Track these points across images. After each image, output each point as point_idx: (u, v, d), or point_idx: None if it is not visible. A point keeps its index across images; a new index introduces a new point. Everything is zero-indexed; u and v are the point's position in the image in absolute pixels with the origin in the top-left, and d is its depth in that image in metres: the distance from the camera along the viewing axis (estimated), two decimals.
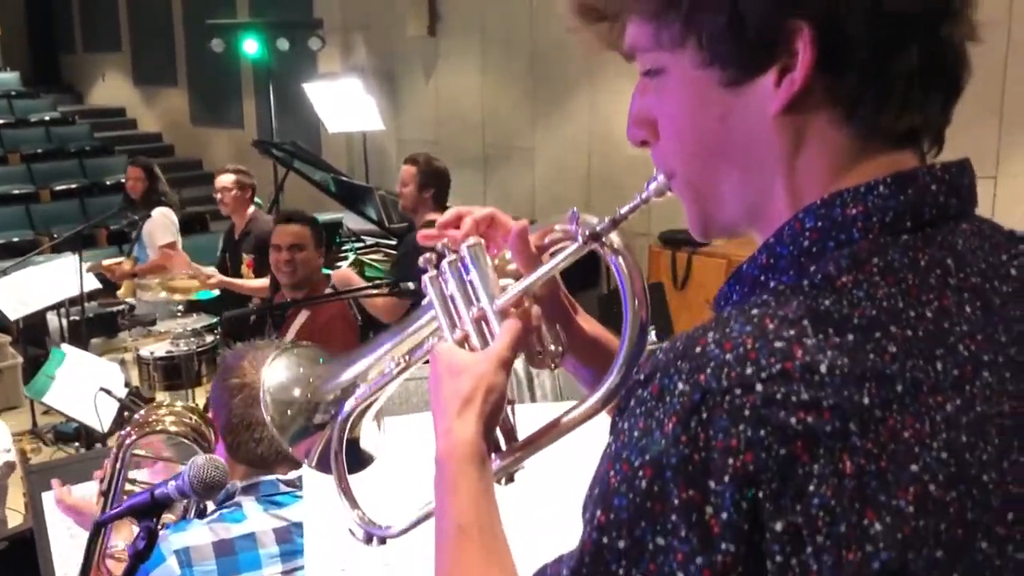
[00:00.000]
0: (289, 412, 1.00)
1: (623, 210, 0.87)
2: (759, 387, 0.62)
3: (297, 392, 1.01)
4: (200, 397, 4.85)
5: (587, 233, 0.87)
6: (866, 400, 0.62)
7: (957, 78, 0.72)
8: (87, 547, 1.35)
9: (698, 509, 0.62)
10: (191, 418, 1.86)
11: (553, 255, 0.93)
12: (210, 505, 1.80)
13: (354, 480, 1.02)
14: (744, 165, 0.74)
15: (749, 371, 0.62)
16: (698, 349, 0.65)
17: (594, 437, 0.87)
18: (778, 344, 0.63)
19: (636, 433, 0.65)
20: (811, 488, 0.60)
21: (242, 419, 1.77)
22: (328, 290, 3.92)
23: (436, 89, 9.16)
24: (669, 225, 6.53)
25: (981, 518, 0.63)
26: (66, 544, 2.10)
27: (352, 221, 7.20)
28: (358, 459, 1.02)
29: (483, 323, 0.92)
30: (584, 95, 7.81)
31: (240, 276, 4.93)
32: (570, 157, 7.93)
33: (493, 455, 0.89)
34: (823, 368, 0.62)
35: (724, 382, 0.62)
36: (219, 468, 1.25)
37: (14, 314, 5.29)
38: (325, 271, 4.63)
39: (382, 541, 1.00)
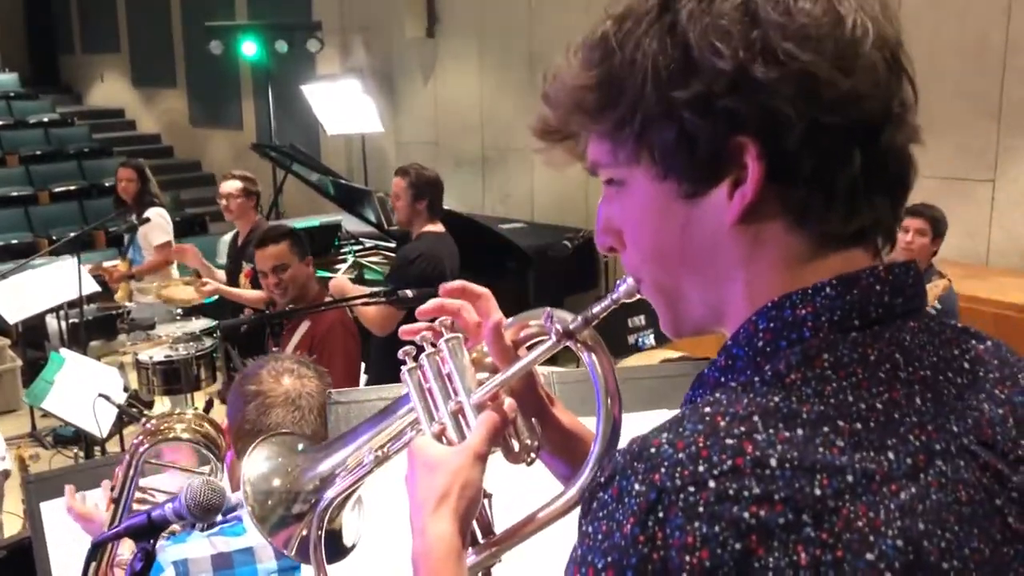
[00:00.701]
0: (269, 502, 1.01)
1: (595, 309, 0.90)
2: (712, 483, 0.63)
3: (277, 482, 1.03)
4: (199, 401, 4.85)
5: (560, 330, 0.90)
6: (817, 491, 0.63)
7: (903, 179, 0.75)
8: (84, 567, 1.34)
9: None
10: (203, 425, 1.87)
11: (530, 349, 0.95)
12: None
13: (333, 567, 1.02)
14: (705, 271, 0.77)
15: (702, 468, 0.64)
16: (653, 450, 0.66)
17: (568, 529, 0.89)
18: (729, 441, 0.65)
19: (600, 536, 0.67)
20: None
21: (254, 425, 1.79)
22: (328, 299, 3.90)
23: (435, 90, 9.16)
24: None
25: None
26: (66, 552, 2.10)
27: (351, 224, 7.21)
28: (338, 549, 1.03)
29: (460, 416, 0.93)
30: None
31: (238, 285, 4.89)
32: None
33: (470, 549, 0.90)
34: (773, 462, 0.64)
35: (678, 480, 0.64)
36: (216, 491, 1.25)
37: (13, 317, 5.29)
38: (323, 273, 4.63)
39: None
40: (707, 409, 0.68)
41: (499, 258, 6.33)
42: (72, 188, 11.10)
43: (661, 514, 0.64)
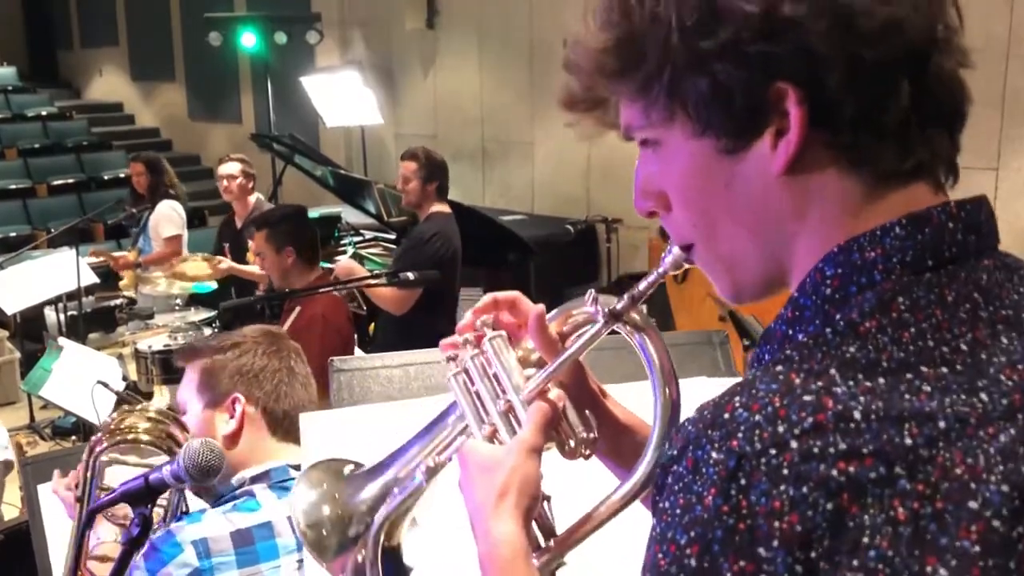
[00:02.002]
0: (323, 531, 0.98)
1: (641, 287, 0.86)
2: (794, 443, 0.60)
3: (327, 509, 1.00)
4: None
5: (607, 312, 0.86)
6: (908, 441, 0.60)
7: (957, 108, 0.71)
8: (79, 536, 1.31)
9: None
10: (165, 423, 1.80)
11: (576, 340, 0.91)
12: (194, 505, 1.77)
13: None
14: (758, 228, 0.73)
15: (782, 429, 0.61)
16: (726, 415, 0.63)
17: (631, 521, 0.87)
18: (807, 398, 0.62)
19: (678, 511, 0.64)
20: (865, 540, 0.58)
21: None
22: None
23: (434, 83, 9.13)
24: None
25: None
26: (64, 534, 2.07)
27: (351, 215, 7.18)
28: (398, 571, 0.99)
29: (511, 415, 0.89)
30: None
31: (246, 263, 4.89)
32: (569, 151, 7.89)
33: (533, 553, 0.86)
34: (857, 415, 0.60)
35: (758, 444, 0.61)
36: (214, 451, 1.22)
37: (11, 308, 5.26)
38: (325, 265, 4.61)
39: None
40: (779, 368, 0.65)
41: (500, 249, 6.31)
42: (71, 181, 11.08)
43: (743, 481, 0.61)
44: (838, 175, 0.69)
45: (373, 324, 5.02)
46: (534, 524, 0.86)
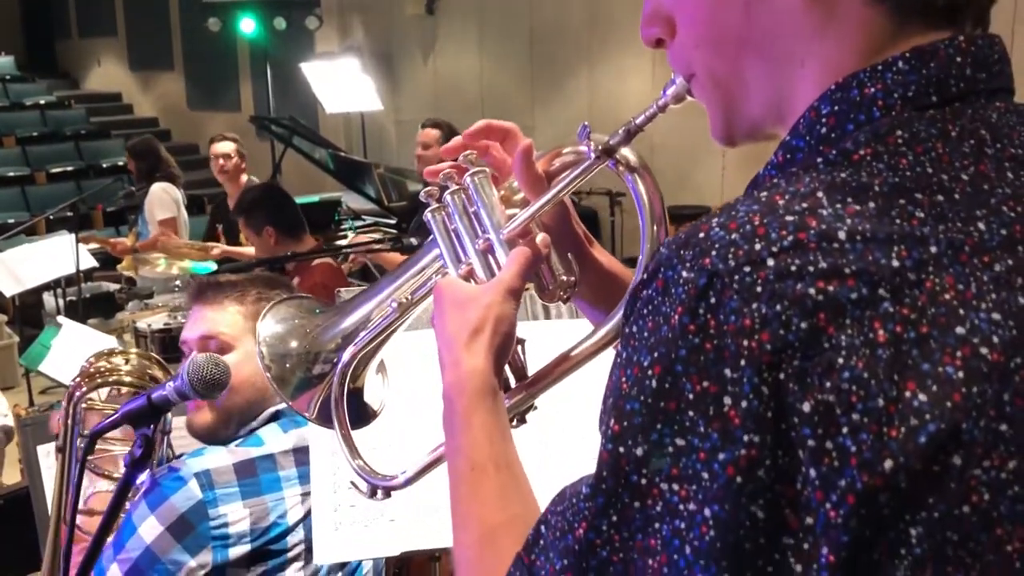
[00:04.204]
0: (288, 364, 0.96)
1: (638, 120, 0.82)
2: (770, 261, 0.56)
3: (295, 343, 0.97)
4: None
5: (599, 148, 0.82)
6: (895, 263, 0.56)
7: None
8: (81, 460, 1.28)
9: (715, 401, 0.56)
10: (148, 365, 1.74)
11: (561, 180, 0.88)
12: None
13: (357, 432, 0.97)
14: (769, 54, 0.68)
15: (759, 246, 0.56)
16: (701, 235, 0.59)
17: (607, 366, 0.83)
18: (789, 217, 0.57)
19: (645, 334, 0.60)
20: (840, 361, 0.54)
21: None
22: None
23: (434, 69, 9.09)
24: (672, 202, 6.49)
25: None
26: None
27: (351, 200, 7.15)
28: (362, 413, 0.98)
29: (489, 254, 0.87)
30: (583, 73, 7.76)
31: (240, 244, 4.88)
32: (570, 136, 7.86)
33: (503, 393, 0.83)
34: (842, 235, 0.56)
35: (731, 262, 0.57)
36: (219, 365, 1.19)
37: (10, 290, 5.24)
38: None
39: (387, 493, 0.95)
40: (763, 193, 0.61)
41: None
42: (69, 169, 11.06)
43: (713, 299, 0.56)
44: (863, 2, 0.65)
45: None
46: (506, 366, 0.84)
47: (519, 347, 0.86)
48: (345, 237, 6.37)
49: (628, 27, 7.32)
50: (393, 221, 6.60)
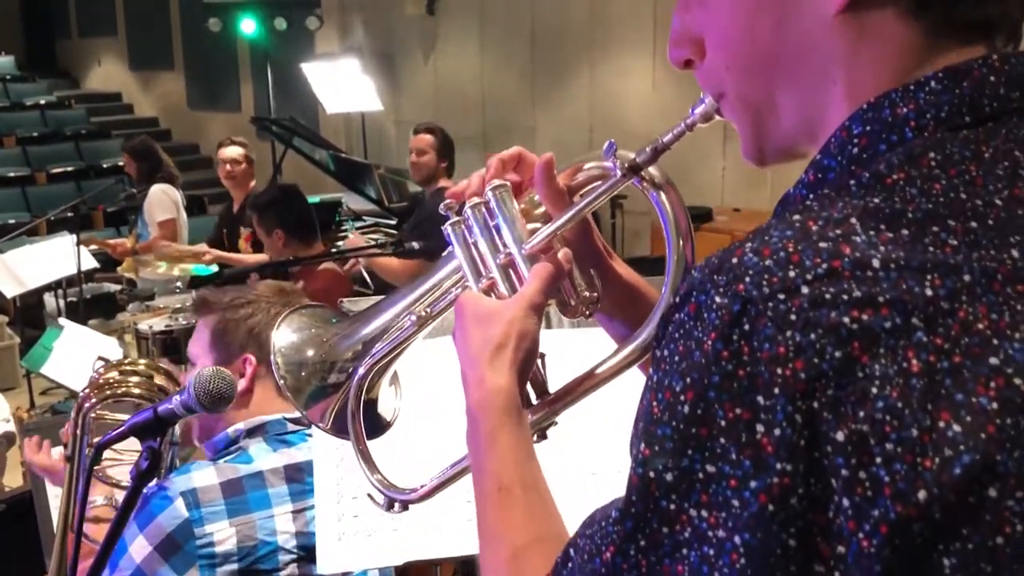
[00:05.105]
0: (303, 373, 0.96)
1: (666, 138, 0.82)
2: (805, 289, 0.56)
3: (311, 352, 0.97)
4: None
5: (626, 165, 0.82)
6: (929, 292, 0.55)
7: None
8: (88, 471, 1.29)
9: (748, 428, 0.56)
10: (157, 377, 1.75)
11: (585, 196, 0.88)
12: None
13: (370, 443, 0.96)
14: (801, 74, 0.68)
15: (793, 274, 0.56)
16: (735, 260, 0.59)
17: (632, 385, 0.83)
18: (823, 244, 0.57)
19: (676, 358, 0.60)
20: (874, 390, 0.54)
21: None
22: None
23: (435, 69, 9.09)
24: None
25: None
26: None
27: (352, 201, 7.14)
28: (375, 424, 0.97)
29: (511, 269, 0.86)
30: (585, 73, 7.76)
31: (238, 251, 4.87)
32: (571, 135, 7.86)
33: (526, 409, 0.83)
34: (876, 263, 0.56)
35: (766, 288, 0.56)
36: (226, 380, 1.19)
37: (11, 291, 5.23)
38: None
39: (404, 507, 0.95)
40: (796, 216, 0.60)
41: None
42: (70, 169, 11.05)
43: (747, 326, 0.56)
44: (896, 19, 0.64)
45: None
46: (527, 383, 0.84)
47: (540, 362, 0.85)
48: (346, 238, 6.39)
49: (629, 27, 7.32)
50: (394, 222, 6.60)
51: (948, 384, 0.54)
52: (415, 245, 2.85)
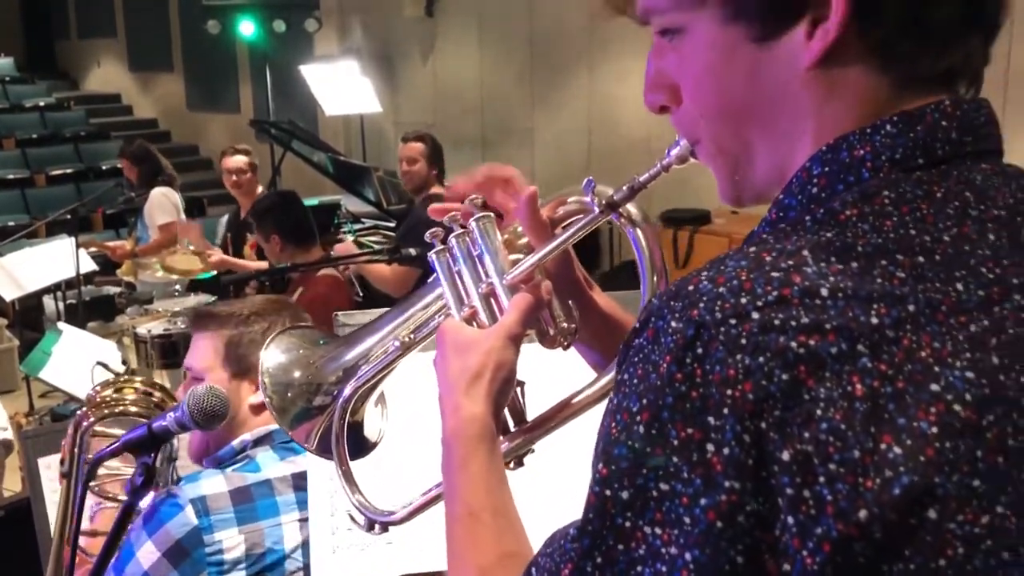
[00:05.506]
0: (289, 394, 0.98)
1: (642, 178, 0.85)
2: (755, 315, 0.58)
3: (297, 373, 0.99)
4: None
5: (603, 202, 0.85)
6: (875, 320, 0.58)
7: (996, 16, 0.69)
8: (83, 486, 1.30)
9: (698, 447, 0.58)
10: (154, 394, 1.78)
11: (566, 228, 0.90)
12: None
13: (355, 463, 0.99)
14: (772, 123, 0.70)
15: (744, 300, 0.59)
16: (691, 287, 0.62)
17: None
18: (775, 274, 0.60)
19: (635, 381, 0.62)
20: (819, 412, 0.56)
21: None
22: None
23: (434, 71, 9.10)
24: (671, 204, 6.49)
25: None
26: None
27: (351, 203, 7.16)
28: (360, 445, 1.00)
29: (492, 299, 0.89)
30: (583, 75, 7.76)
31: (243, 257, 4.89)
32: (569, 138, 7.87)
33: (501, 437, 0.86)
34: (824, 291, 0.59)
35: (718, 314, 0.59)
36: (219, 398, 1.21)
37: (10, 295, 5.24)
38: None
39: (384, 528, 0.98)
40: (751, 248, 0.63)
41: None
42: (69, 171, 11.05)
43: (700, 350, 0.59)
44: (865, 73, 0.67)
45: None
46: (505, 410, 0.86)
47: (518, 390, 0.87)
48: (344, 240, 6.40)
49: (627, 30, 7.31)
50: (392, 224, 6.61)
51: (891, 408, 0.56)
52: (412, 252, 2.86)
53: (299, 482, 1.64)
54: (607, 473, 0.62)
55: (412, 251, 2.83)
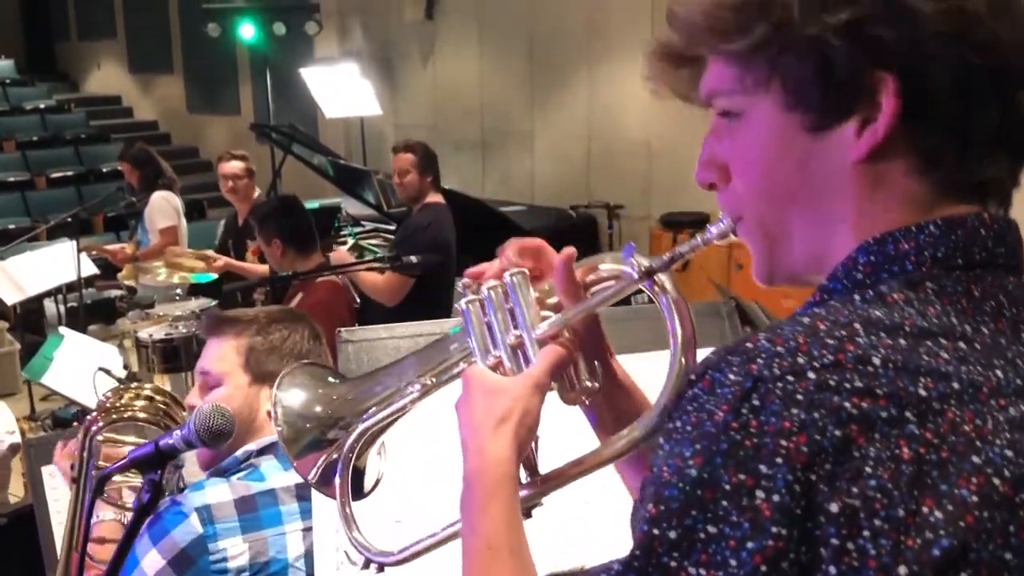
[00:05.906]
0: (299, 427, 1.00)
1: (682, 248, 0.87)
2: (812, 375, 0.62)
3: (314, 408, 1.00)
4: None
5: (642, 269, 0.87)
6: (922, 392, 0.62)
7: (1022, 141, 0.73)
8: (84, 509, 1.31)
9: (749, 493, 0.61)
10: (162, 401, 1.79)
11: (597, 293, 0.92)
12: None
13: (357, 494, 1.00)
14: (816, 210, 0.75)
15: (801, 360, 0.63)
16: (749, 345, 0.66)
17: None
18: (830, 340, 0.64)
19: (688, 427, 0.65)
20: (868, 470, 0.60)
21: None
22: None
23: (434, 74, 9.11)
24: (670, 208, 6.51)
25: None
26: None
27: (351, 206, 7.17)
28: (356, 488, 1.01)
29: (519, 350, 0.90)
30: (584, 79, 7.77)
31: (245, 261, 4.90)
32: (569, 141, 7.88)
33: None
34: (876, 360, 0.63)
35: (776, 370, 0.63)
36: (225, 416, 1.22)
37: (11, 298, 5.25)
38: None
39: (380, 568, 0.99)
40: (806, 318, 0.67)
41: (498, 238, 6.30)
42: (69, 174, 11.05)
43: (757, 402, 0.62)
44: (910, 174, 0.71)
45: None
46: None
47: (533, 443, 0.88)
48: (345, 243, 6.40)
49: (628, 33, 7.33)
50: (393, 227, 6.62)
51: (934, 475, 0.60)
52: (412, 259, 2.87)
53: (303, 492, 1.65)
54: (656, 513, 0.64)
55: (413, 258, 2.84)
